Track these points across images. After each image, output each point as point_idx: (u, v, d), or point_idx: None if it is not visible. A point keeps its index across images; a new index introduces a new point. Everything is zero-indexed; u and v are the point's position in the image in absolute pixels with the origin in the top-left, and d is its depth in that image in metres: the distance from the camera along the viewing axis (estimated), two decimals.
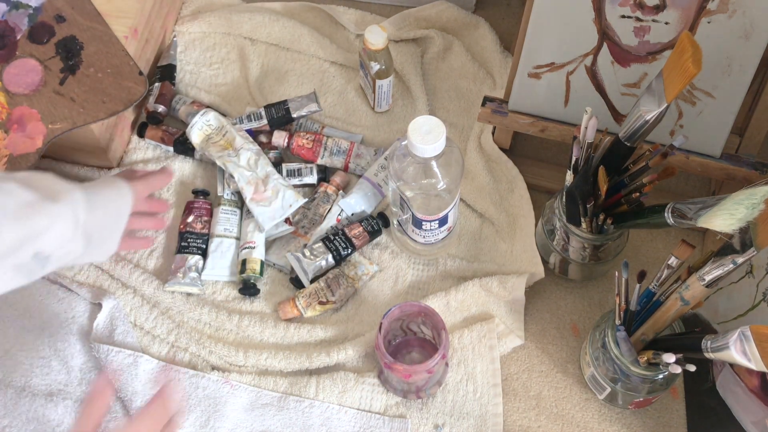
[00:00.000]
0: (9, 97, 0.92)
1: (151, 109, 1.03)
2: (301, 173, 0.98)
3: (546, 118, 0.92)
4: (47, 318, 0.91)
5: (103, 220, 0.80)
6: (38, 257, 0.73)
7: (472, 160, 1.00)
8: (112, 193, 0.82)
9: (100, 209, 0.79)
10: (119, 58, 0.94)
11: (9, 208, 0.70)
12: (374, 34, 0.97)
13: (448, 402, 0.87)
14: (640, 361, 0.76)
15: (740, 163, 0.87)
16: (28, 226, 0.71)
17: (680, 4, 0.79)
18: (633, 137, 0.77)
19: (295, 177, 0.98)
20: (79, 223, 0.75)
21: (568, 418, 0.86)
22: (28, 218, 0.71)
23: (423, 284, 0.94)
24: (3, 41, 0.93)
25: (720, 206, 0.67)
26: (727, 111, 0.84)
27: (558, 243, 0.88)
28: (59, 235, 0.74)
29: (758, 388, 0.79)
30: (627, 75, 0.86)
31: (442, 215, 0.87)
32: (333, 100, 1.07)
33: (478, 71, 1.09)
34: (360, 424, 0.85)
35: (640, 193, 0.79)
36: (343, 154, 0.99)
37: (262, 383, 0.88)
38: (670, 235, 0.97)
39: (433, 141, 0.79)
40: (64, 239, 0.75)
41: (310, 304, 0.90)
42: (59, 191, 0.75)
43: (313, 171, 0.99)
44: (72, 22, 0.94)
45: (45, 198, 0.73)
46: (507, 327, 0.91)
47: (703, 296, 0.73)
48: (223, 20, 1.11)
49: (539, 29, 0.85)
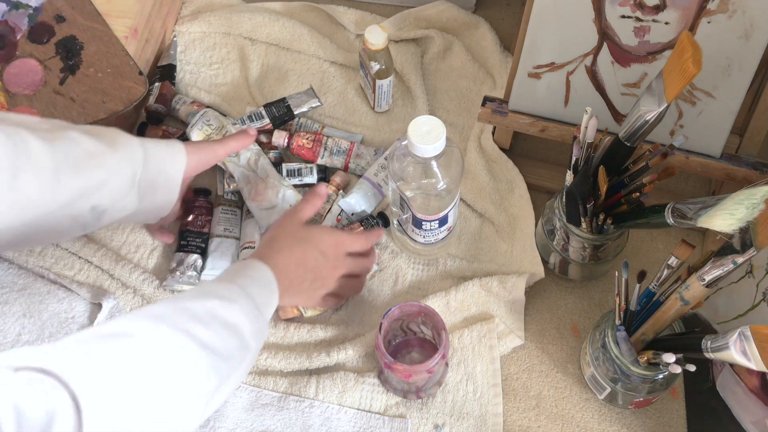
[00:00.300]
0: (9, 97, 0.92)
1: (151, 108, 1.03)
2: (301, 173, 0.98)
3: (546, 118, 0.92)
4: (47, 318, 0.91)
5: (157, 178, 0.80)
6: (95, 210, 0.75)
7: (472, 160, 1.00)
8: (167, 155, 0.82)
9: (154, 167, 0.79)
10: (119, 58, 0.94)
11: (71, 156, 0.72)
12: (374, 34, 0.97)
13: (448, 402, 0.87)
14: (640, 361, 0.76)
15: (740, 163, 0.87)
16: (88, 178, 0.73)
17: (680, 4, 0.79)
18: (633, 137, 0.77)
19: (295, 177, 0.98)
20: (135, 178, 0.77)
21: (568, 418, 0.86)
22: (90, 170, 0.73)
23: (423, 284, 0.94)
24: (3, 41, 0.93)
25: (720, 206, 0.67)
26: (727, 111, 0.84)
27: (558, 243, 0.88)
28: (116, 190, 0.76)
29: (758, 388, 0.79)
30: (627, 75, 0.86)
31: (442, 215, 0.87)
32: (333, 100, 1.07)
33: (478, 71, 1.09)
34: (360, 424, 0.85)
35: (640, 193, 0.79)
36: (343, 154, 0.99)
37: (262, 383, 0.88)
38: (670, 235, 0.97)
39: (433, 141, 0.79)
40: (120, 193, 0.76)
41: None
42: (120, 143, 0.77)
43: (313, 171, 0.99)
44: (72, 22, 0.94)
45: (107, 147, 0.75)
46: (507, 327, 0.91)
47: (703, 296, 0.73)
48: (223, 20, 1.11)
49: (539, 29, 0.85)
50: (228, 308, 0.68)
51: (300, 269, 0.80)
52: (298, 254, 0.80)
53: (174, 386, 0.61)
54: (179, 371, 0.61)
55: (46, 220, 0.73)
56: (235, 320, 0.68)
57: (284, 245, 0.80)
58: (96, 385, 0.54)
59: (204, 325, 0.65)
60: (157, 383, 0.59)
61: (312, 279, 0.82)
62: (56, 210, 0.73)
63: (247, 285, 0.73)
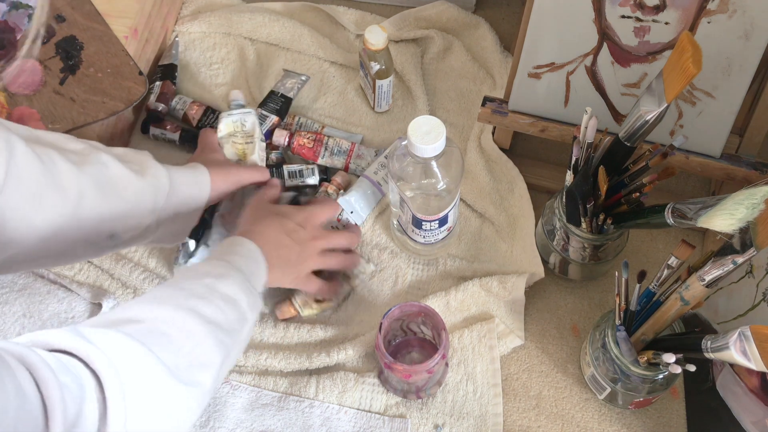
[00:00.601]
0: (9, 97, 0.92)
1: (152, 107, 1.03)
2: (302, 174, 0.98)
3: (546, 118, 0.92)
4: (47, 318, 0.91)
5: (179, 209, 0.81)
6: (114, 238, 0.76)
7: (472, 160, 1.00)
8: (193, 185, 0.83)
9: (177, 198, 0.81)
10: (119, 58, 0.94)
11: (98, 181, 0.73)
12: (374, 34, 0.97)
13: (448, 402, 0.87)
14: (640, 361, 0.76)
15: (740, 163, 0.87)
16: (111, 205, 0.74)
17: (680, 4, 0.79)
18: (633, 137, 0.77)
19: (296, 178, 0.98)
20: (157, 207, 0.78)
21: (568, 418, 0.86)
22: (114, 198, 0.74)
23: (423, 284, 0.94)
24: (3, 41, 0.93)
25: (720, 206, 0.67)
26: (727, 111, 0.84)
27: (558, 243, 0.88)
28: (137, 218, 0.77)
29: (758, 388, 0.79)
30: (627, 75, 0.86)
31: (442, 215, 0.87)
32: (333, 100, 1.07)
33: (478, 71, 1.09)
34: (360, 424, 0.85)
35: (640, 193, 0.79)
36: (343, 154, 0.99)
37: (262, 383, 0.88)
38: (670, 235, 0.97)
39: (433, 141, 0.79)
40: (141, 222, 0.78)
41: (306, 303, 0.90)
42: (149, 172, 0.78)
43: (315, 171, 0.99)
44: (72, 22, 0.94)
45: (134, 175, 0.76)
46: (507, 327, 0.91)
47: (703, 296, 0.73)
48: (223, 20, 1.11)
49: (539, 29, 0.85)
50: (223, 283, 0.69)
51: (283, 239, 0.81)
52: (277, 226, 0.82)
53: (187, 364, 0.62)
54: (190, 348, 0.63)
55: (64, 243, 0.73)
56: (231, 293, 0.69)
57: (263, 220, 0.82)
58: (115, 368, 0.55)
59: (205, 300, 0.66)
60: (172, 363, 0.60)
61: (298, 251, 0.82)
62: (75, 234, 0.73)
63: (235, 261, 0.74)
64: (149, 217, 0.78)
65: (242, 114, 0.93)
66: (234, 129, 0.93)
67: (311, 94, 1.07)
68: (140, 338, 0.59)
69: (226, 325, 0.67)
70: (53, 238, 0.71)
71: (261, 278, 0.77)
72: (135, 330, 0.60)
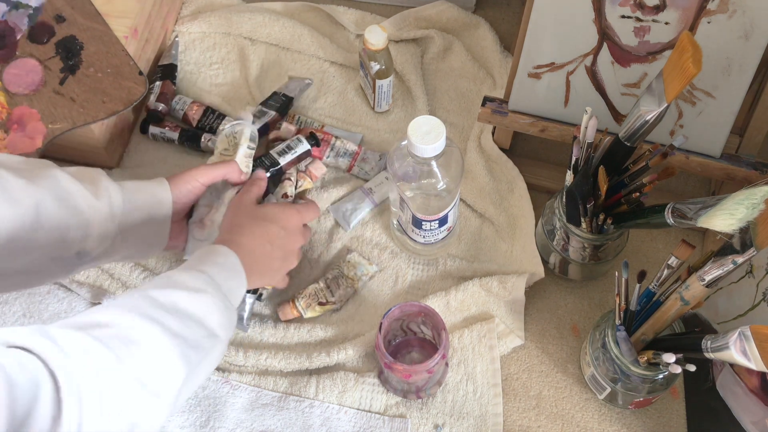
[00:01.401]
0: (9, 97, 0.92)
1: (151, 107, 1.03)
2: (291, 148, 0.93)
3: (546, 118, 0.92)
4: (47, 318, 0.91)
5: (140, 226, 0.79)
6: (81, 256, 0.75)
7: (472, 160, 1.00)
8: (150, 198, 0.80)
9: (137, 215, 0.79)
10: (119, 58, 0.94)
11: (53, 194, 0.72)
12: (374, 34, 0.97)
13: (448, 402, 0.87)
14: (640, 361, 0.76)
15: (740, 163, 0.87)
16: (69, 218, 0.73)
17: (680, 4, 0.79)
18: (633, 137, 0.77)
19: (287, 153, 0.93)
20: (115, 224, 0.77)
21: (568, 418, 0.86)
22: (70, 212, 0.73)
23: (423, 284, 0.94)
24: (3, 41, 0.93)
25: (720, 206, 0.67)
26: (727, 111, 0.84)
27: (558, 243, 0.88)
28: (99, 234, 0.75)
29: (758, 388, 0.79)
30: (627, 75, 0.86)
31: (442, 215, 0.87)
32: (333, 100, 1.07)
33: (478, 71, 1.09)
34: (360, 424, 0.85)
35: (640, 193, 0.79)
36: (349, 156, 0.99)
37: (262, 383, 0.88)
38: (670, 235, 0.97)
39: (433, 141, 0.79)
40: (104, 239, 0.76)
41: (309, 305, 0.90)
42: (101, 190, 0.76)
43: (302, 140, 0.94)
44: (72, 22, 0.94)
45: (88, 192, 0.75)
46: (507, 327, 0.91)
47: (703, 296, 0.73)
48: (223, 20, 1.11)
49: (539, 29, 0.85)
50: (196, 299, 0.68)
51: (266, 247, 0.79)
52: (260, 233, 0.79)
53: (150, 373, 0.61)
54: (153, 358, 0.62)
55: (30, 258, 0.72)
56: (201, 312, 0.67)
57: (245, 226, 0.79)
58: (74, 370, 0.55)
59: (171, 314, 0.65)
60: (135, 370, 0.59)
61: (281, 258, 0.81)
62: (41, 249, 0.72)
63: (215, 273, 0.72)
64: (111, 230, 0.77)
65: (233, 126, 0.90)
66: (228, 143, 0.90)
67: (311, 94, 1.07)
68: (106, 342, 0.59)
69: (193, 341, 0.65)
70: (18, 252, 0.70)
71: (240, 291, 0.75)
72: (102, 334, 0.59)
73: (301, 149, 0.93)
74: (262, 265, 0.79)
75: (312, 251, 0.96)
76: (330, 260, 0.96)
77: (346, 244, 0.97)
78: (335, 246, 0.96)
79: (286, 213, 0.83)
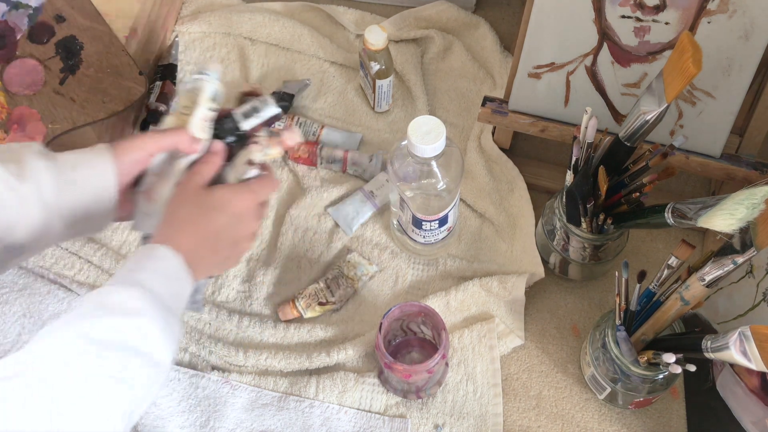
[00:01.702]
0: (9, 97, 0.92)
1: (152, 107, 1.03)
2: (257, 110, 0.77)
3: (546, 118, 0.92)
4: (47, 318, 0.91)
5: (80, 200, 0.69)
6: (11, 250, 0.67)
7: (472, 160, 1.00)
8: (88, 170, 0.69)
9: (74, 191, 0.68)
10: (119, 58, 0.94)
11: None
12: (374, 34, 0.97)
13: (448, 402, 0.87)
14: (640, 361, 0.76)
15: (740, 163, 0.87)
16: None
17: (680, 4, 0.79)
18: (633, 137, 0.77)
19: (252, 117, 0.76)
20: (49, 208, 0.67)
21: (568, 418, 0.86)
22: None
23: (423, 284, 0.94)
24: (3, 41, 0.93)
25: (720, 206, 0.67)
26: (727, 111, 0.84)
27: (558, 243, 0.88)
28: (29, 224, 0.66)
29: (758, 388, 0.79)
30: (627, 75, 0.86)
31: (442, 215, 0.87)
32: (333, 100, 1.08)
33: (478, 71, 1.09)
34: (360, 424, 0.85)
35: (640, 193, 0.79)
36: (338, 162, 1.00)
37: (262, 383, 0.88)
38: (670, 235, 0.97)
39: (433, 141, 0.79)
40: (35, 227, 0.67)
41: (309, 305, 0.90)
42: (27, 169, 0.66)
43: (267, 102, 0.77)
44: (72, 22, 0.94)
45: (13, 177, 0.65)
46: (507, 327, 0.91)
47: (703, 296, 0.73)
48: (223, 20, 1.11)
49: (539, 29, 0.85)
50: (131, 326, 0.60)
51: (211, 241, 0.70)
52: (205, 225, 0.69)
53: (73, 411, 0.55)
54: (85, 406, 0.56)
55: None
56: (137, 341, 0.60)
57: (188, 219, 0.69)
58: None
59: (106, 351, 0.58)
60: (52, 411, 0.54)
61: (230, 245, 0.72)
62: None
63: (154, 284, 0.63)
64: (42, 216, 0.67)
65: (195, 80, 0.74)
66: (189, 101, 0.74)
67: (311, 94, 1.07)
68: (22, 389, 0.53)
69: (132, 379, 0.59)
70: None
71: (185, 292, 0.67)
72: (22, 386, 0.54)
73: (269, 113, 0.77)
74: (208, 260, 0.70)
75: (312, 251, 0.96)
76: (330, 260, 0.96)
77: (346, 244, 0.97)
78: (335, 246, 0.96)
79: (237, 197, 0.72)
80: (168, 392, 0.86)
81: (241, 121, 0.76)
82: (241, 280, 0.94)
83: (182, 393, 0.87)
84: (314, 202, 0.98)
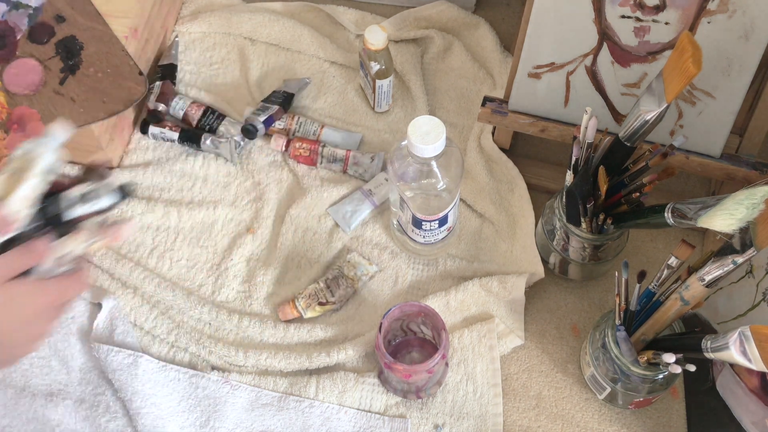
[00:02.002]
0: (9, 97, 0.92)
1: (152, 107, 1.03)
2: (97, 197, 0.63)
3: (546, 118, 0.92)
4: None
5: None
6: None
7: (472, 160, 1.00)
8: None
9: None
10: (119, 58, 0.94)
11: None
12: (374, 34, 0.97)
13: (448, 402, 0.87)
14: (640, 361, 0.76)
15: (740, 163, 0.87)
16: None
17: (680, 4, 0.79)
18: (633, 137, 0.77)
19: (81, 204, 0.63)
20: None
21: (568, 418, 0.86)
22: None
23: (423, 284, 0.94)
24: (3, 41, 0.93)
25: (720, 206, 0.67)
26: (727, 111, 0.84)
27: (558, 243, 0.88)
28: None
29: (758, 388, 0.79)
30: (627, 75, 0.86)
31: (442, 215, 0.87)
32: (333, 100, 1.08)
33: (478, 71, 1.09)
34: (360, 424, 0.85)
35: (640, 193, 0.79)
36: (339, 162, 0.99)
37: (262, 383, 0.88)
38: (670, 235, 0.97)
39: (433, 141, 0.79)
40: None
41: (309, 305, 0.90)
42: None
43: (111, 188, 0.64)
44: (72, 22, 0.94)
45: None
46: (507, 327, 0.91)
47: (703, 296, 0.73)
48: (223, 20, 1.11)
49: (539, 29, 0.85)
50: None
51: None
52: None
53: None
54: None
55: None
56: None
57: None
58: None
59: None
60: None
61: (10, 347, 0.62)
62: None
63: None
64: None
65: (33, 144, 0.61)
66: (22, 165, 0.61)
67: (311, 94, 1.08)
68: None
69: None
70: None
71: None
72: None
73: (103, 203, 0.64)
74: None
75: (312, 251, 0.96)
76: (330, 260, 0.96)
77: (346, 244, 0.97)
78: (335, 246, 0.96)
79: (33, 299, 0.61)
80: (168, 392, 0.87)
81: (70, 208, 0.63)
82: (241, 280, 0.94)
83: (182, 393, 0.87)
84: (314, 202, 0.98)
